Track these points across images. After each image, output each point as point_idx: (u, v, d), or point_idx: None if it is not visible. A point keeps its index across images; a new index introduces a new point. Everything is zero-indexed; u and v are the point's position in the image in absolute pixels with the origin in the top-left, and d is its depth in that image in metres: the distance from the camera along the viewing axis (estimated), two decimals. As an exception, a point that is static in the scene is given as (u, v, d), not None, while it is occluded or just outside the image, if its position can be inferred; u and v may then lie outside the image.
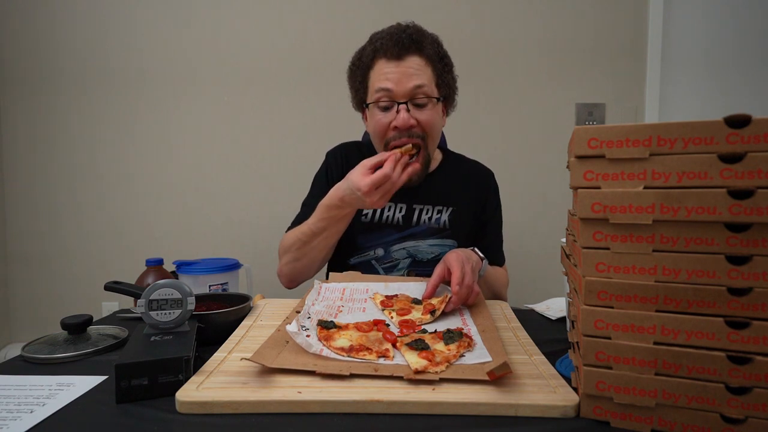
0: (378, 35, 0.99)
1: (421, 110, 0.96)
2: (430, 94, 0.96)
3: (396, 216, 1.06)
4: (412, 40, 0.95)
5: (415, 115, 0.95)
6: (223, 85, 1.97)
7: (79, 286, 1.98)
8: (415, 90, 0.94)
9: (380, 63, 0.96)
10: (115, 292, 0.75)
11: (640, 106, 1.97)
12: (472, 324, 0.72)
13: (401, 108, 0.94)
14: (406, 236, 1.06)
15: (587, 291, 0.48)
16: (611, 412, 0.48)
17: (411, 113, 0.95)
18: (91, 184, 1.98)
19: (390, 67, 0.95)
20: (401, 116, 0.94)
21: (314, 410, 0.50)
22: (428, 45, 0.97)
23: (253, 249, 1.98)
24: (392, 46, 0.94)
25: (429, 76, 0.97)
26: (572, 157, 0.49)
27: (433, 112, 0.98)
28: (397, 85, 0.94)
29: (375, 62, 0.98)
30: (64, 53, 1.94)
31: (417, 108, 0.96)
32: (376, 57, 0.97)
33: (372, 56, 0.98)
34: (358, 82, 1.03)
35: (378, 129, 0.98)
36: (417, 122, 0.96)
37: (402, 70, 0.94)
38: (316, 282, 0.89)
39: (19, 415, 0.50)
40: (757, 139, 0.42)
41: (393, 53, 0.94)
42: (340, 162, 1.11)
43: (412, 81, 0.94)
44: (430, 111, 0.97)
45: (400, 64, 0.94)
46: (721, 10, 1.94)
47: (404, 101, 0.94)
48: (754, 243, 0.43)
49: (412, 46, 0.95)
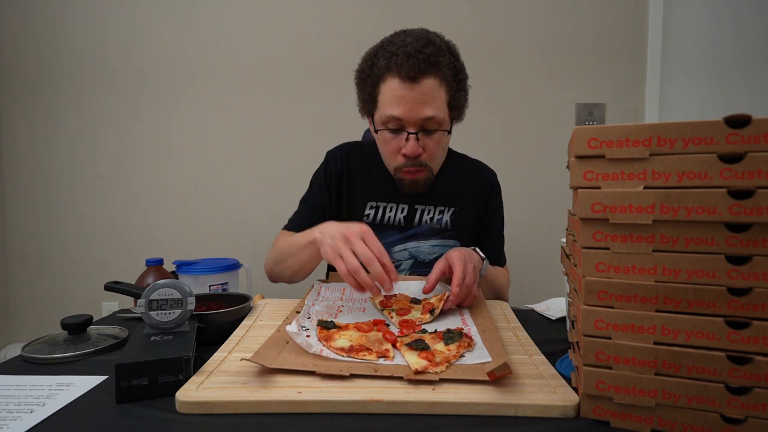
0: (392, 47, 0.91)
1: (429, 136, 0.94)
2: (440, 123, 0.93)
3: (398, 217, 1.05)
4: (429, 62, 0.88)
5: (424, 141, 0.94)
6: (223, 85, 1.97)
7: (79, 286, 1.99)
8: (425, 121, 0.92)
9: (393, 81, 0.90)
10: (115, 292, 0.75)
11: (640, 106, 1.97)
12: (472, 324, 0.72)
13: (411, 137, 0.92)
14: (408, 237, 1.06)
15: (587, 291, 0.48)
16: (611, 412, 0.48)
17: (420, 141, 0.93)
18: (91, 184, 1.98)
19: (403, 89, 0.89)
20: (410, 145, 0.93)
21: (314, 410, 0.50)
22: (445, 65, 0.91)
23: (253, 249, 1.98)
24: (407, 68, 0.88)
25: (442, 99, 0.93)
26: (572, 157, 0.49)
27: (441, 138, 0.96)
28: (408, 115, 0.90)
29: (387, 77, 0.91)
30: (64, 53, 1.94)
31: (426, 134, 0.94)
32: (388, 72, 0.91)
33: (384, 70, 0.91)
34: (366, 93, 0.97)
35: (387, 153, 0.99)
36: (424, 149, 0.95)
37: (415, 96, 0.89)
38: (315, 282, 0.89)
39: (19, 415, 0.50)
40: (757, 139, 0.42)
41: (407, 75, 0.88)
42: (340, 162, 1.09)
43: (423, 111, 0.90)
44: (438, 138, 0.95)
45: (414, 87, 0.89)
46: (721, 10, 1.94)
47: (414, 131, 0.92)
48: (754, 243, 0.43)
49: (429, 68, 0.89)
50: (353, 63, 1.02)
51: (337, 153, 1.12)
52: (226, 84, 1.97)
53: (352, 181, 1.08)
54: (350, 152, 1.12)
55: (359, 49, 2.08)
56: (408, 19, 1.93)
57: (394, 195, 1.05)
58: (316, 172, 1.13)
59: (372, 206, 1.06)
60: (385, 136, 0.95)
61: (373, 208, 1.06)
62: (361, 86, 0.99)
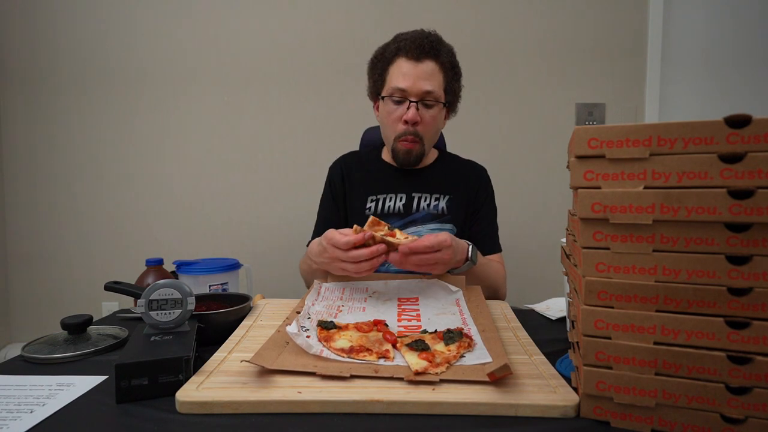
0: (403, 36, 1.10)
1: (427, 110, 1.09)
2: (437, 98, 1.09)
3: (397, 205, 1.14)
4: (431, 47, 1.07)
5: (422, 113, 1.09)
6: (223, 85, 1.97)
7: (79, 286, 1.99)
8: (425, 94, 1.07)
9: (400, 61, 1.08)
10: (115, 292, 0.75)
11: (640, 106, 1.97)
12: (472, 324, 0.71)
13: (412, 105, 1.07)
14: (408, 222, 1.13)
15: (587, 291, 0.48)
16: (611, 412, 0.48)
17: (419, 111, 1.08)
18: (91, 184, 1.98)
19: (408, 66, 1.07)
20: (411, 112, 1.07)
21: (314, 410, 0.50)
22: (444, 53, 1.10)
23: (253, 249, 1.98)
24: (413, 48, 1.06)
25: (439, 82, 1.09)
26: (572, 157, 0.49)
27: (437, 113, 1.11)
28: (411, 87, 1.06)
29: (396, 59, 1.09)
30: (64, 53, 1.94)
31: (425, 107, 1.09)
32: (398, 54, 1.09)
33: (394, 53, 1.09)
34: (377, 74, 1.14)
35: (390, 121, 1.11)
36: (421, 119, 1.09)
37: (418, 72, 1.06)
38: (315, 282, 0.89)
39: (19, 415, 0.50)
40: (757, 139, 0.42)
41: (413, 54, 1.06)
42: (339, 171, 1.21)
43: (424, 86, 1.06)
44: (435, 112, 1.10)
45: (418, 65, 1.07)
46: (721, 10, 1.94)
47: (415, 100, 1.07)
48: (754, 243, 0.43)
49: (431, 51, 1.07)
50: (353, 63, 1.05)
51: (336, 164, 1.25)
52: (226, 84, 1.97)
53: (353, 182, 1.19)
54: (348, 159, 1.25)
55: (359, 49, 2.09)
56: (408, 20, 1.94)
57: (392, 186, 1.16)
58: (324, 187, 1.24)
59: (372, 199, 1.15)
60: (390, 106, 1.10)
61: (374, 201, 1.15)
62: (373, 70, 1.16)
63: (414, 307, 0.79)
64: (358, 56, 1.97)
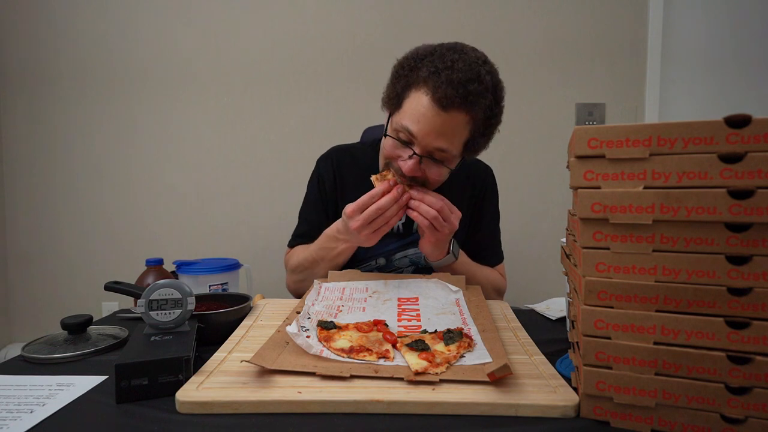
0: (441, 63, 0.84)
1: (433, 165, 0.89)
2: (449, 159, 0.89)
3: (397, 224, 1.05)
4: (466, 100, 0.82)
5: (426, 167, 0.89)
6: (223, 85, 1.97)
7: (79, 286, 1.99)
8: (436, 150, 0.87)
9: (424, 97, 0.84)
10: (115, 292, 0.75)
11: (640, 106, 1.97)
12: (472, 324, 0.71)
13: (414, 158, 0.87)
14: (408, 244, 1.06)
15: (587, 291, 0.48)
16: (611, 412, 0.48)
17: (422, 165, 0.89)
18: (92, 184, 1.98)
19: (429, 111, 0.83)
20: (409, 164, 0.87)
21: (314, 410, 0.50)
22: (481, 106, 0.85)
23: (253, 249, 1.98)
24: (443, 94, 0.81)
25: (461, 137, 0.88)
26: (572, 157, 0.49)
27: (444, 171, 0.92)
28: (422, 137, 0.85)
29: (421, 88, 0.85)
30: (64, 54, 1.94)
31: (431, 162, 0.89)
32: (425, 85, 0.85)
33: (422, 82, 0.85)
34: (395, 91, 0.91)
35: (386, 154, 0.93)
36: (423, 174, 0.90)
37: (437, 123, 0.84)
38: (315, 282, 0.89)
39: (19, 415, 0.50)
40: (757, 139, 0.42)
41: (440, 100, 0.82)
42: (331, 169, 1.09)
43: (438, 142, 0.85)
44: (443, 171, 0.91)
45: (441, 114, 0.83)
46: (721, 10, 1.94)
47: (420, 155, 0.87)
48: (754, 243, 0.43)
49: (463, 104, 0.83)
50: (353, 64, 1.02)
51: (327, 159, 1.12)
52: (226, 84, 1.97)
53: (346, 189, 1.07)
54: (340, 157, 1.10)
55: (359, 50, 2.09)
56: (408, 20, 1.94)
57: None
58: (309, 181, 1.14)
59: None
60: (392, 143, 0.91)
61: None
62: (394, 81, 0.92)
63: (414, 307, 0.79)
64: (358, 57, 1.98)
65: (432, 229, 0.86)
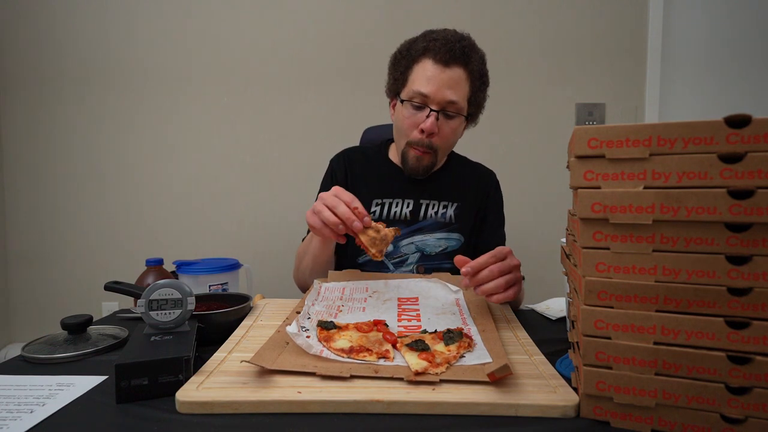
0: (433, 34, 1.00)
1: (447, 121, 1.01)
2: (459, 110, 1.00)
3: (404, 211, 1.09)
4: (463, 52, 0.98)
5: (441, 123, 1.00)
6: (223, 85, 1.97)
7: (79, 286, 1.99)
8: (448, 104, 0.98)
9: (427, 62, 0.99)
10: (115, 292, 0.75)
11: (640, 106, 1.97)
12: (472, 324, 0.71)
13: (432, 115, 0.98)
14: (414, 231, 1.08)
15: (587, 291, 0.48)
16: (611, 412, 0.48)
17: (439, 121, 0.99)
18: (92, 184, 1.98)
19: (435, 70, 0.97)
20: (429, 121, 0.98)
21: (314, 410, 0.50)
22: (475, 61, 1.00)
23: (252, 249, 1.98)
24: (443, 51, 0.97)
25: (465, 91, 1.00)
26: (572, 157, 0.49)
27: (457, 125, 1.03)
28: (435, 93, 0.97)
29: (422, 59, 1.00)
30: (64, 54, 1.94)
31: (445, 117, 1.00)
32: (425, 54, 0.99)
33: (422, 52, 1.00)
34: (399, 72, 1.04)
35: (405, 126, 1.03)
36: (439, 130, 1.00)
37: (444, 78, 0.97)
38: (315, 282, 0.89)
39: (19, 415, 0.50)
40: (757, 139, 0.42)
41: (442, 58, 0.97)
42: (343, 166, 1.14)
43: (448, 94, 0.97)
44: (455, 124, 1.02)
45: (445, 71, 0.97)
46: (721, 9, 1.94)
47: (436, 110, 0.98)
48: (754, 243, 0.43)
49: (461, 57, 0.98)
50: (353, 63, 1.03)
51: (339, 158, 1.17)
52: (226, 84, 1.97)
53: (357, 182, 1.12)
54: (352, 155, 1.17)
55: (359, 50, 2.09)
56: (408, 20, 1.94)
57: (399, 191, 1.09)
58: (323, 179, 1.17)
59: (378, 203, 1.09)
60: (408, 110, 1.01)
61: (379, 204, 1.09)
62: (395, 66, 1.06)
63: (414, 307, 0.79)
64: (358, 56, 1.98)
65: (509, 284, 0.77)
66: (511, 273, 0.76)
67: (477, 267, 0.73)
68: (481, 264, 0.73)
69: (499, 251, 0.76)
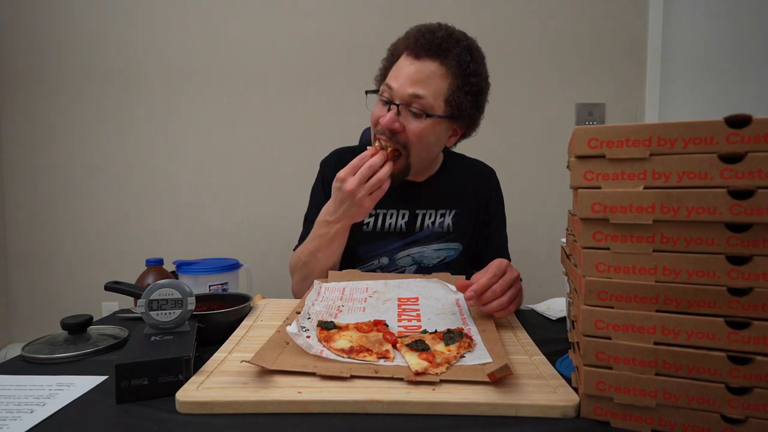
0: (413, 28, 0.96)
1: (413, 119, 0.91)
2: (427, 107, 0.90)
3: (399, 223, 1.04)
4: (435, 45, 0.89)
5: (405, 122, 0.91)
6: (223, 85, 1.97)
7: (79, 286, 1.99)
8: (411, 98, 0.89)
9: (403, 56, 0.94)
10: (115, 292, 0.75)
11: (640, 106, 1.97)
12: (472, 324, 0.71)
13: (392, 108, 0.91)
14: (410, 243, 1.05)
15: (587, 291, 0.48)
16: (611, 413, 0.48)
17: (401, 117, 0.91)
18: (92, 184, 1.98)
19: (404, 63, 0.92)
20: (387, 116, 0.90)
21: (314, 410, 0.50)
22: (455, 55, 0.90)
23: (253, 249, 1.98)
24: (413, 44, 0.91)
25: (439, 87, 0.90)
26: (572, 157, 0.49)
27: (427, 126, 0.91)
28: (398, 86, 0.90)
29: (401, 53, 0.95)
30: (64, 53, 1.94)
31: (411, 116, 0.91)
32: (403, 49, 0.95)
33: (402, 47, 0.95)
34: (383, 68, 1.01)
35: (372, 119, 0.98)
36: (403, 129, 0.91)
37: (410, 71, 0.90)
38: (315, 282, 0.89)
39: (19, 415, 0.50)
40: (757, 139, 0.42)
41: (412, 50, 0.91)
42: (333, 168, 1.05)
43: (412, 88, 0.89)
44: (423, 125, 0.91)
45: (414, 63, 0.90)
46: (721, 10, 1.94)
47: (398, 103, 0.90)
48: (754, 243, 0.43)
49: (433, 49, 0.89)
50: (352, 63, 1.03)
51: (330, 160, 1.12)
52: (226, 84, 1.97)
53: None
54: (342, 156, 1.10)
55: (359, 50, 2.09)
56: (408, 20, 1.92)
57: (393, 199, 1.02)
58: (314, 185, 1.13)
59: (372, 214, 1.04)
60: (378, 106, 0.96)
61: (373, 215, 1.04)
62: (384, 61, 1.02)
63: (414, 307, 0.79)
64: (357, 56, 1.98)
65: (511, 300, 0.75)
66: (512, 287, 0.74)
67: (480, 290, 0.71)
68: (483, 286, 0.71)
69: (498, 267, 0.73)
